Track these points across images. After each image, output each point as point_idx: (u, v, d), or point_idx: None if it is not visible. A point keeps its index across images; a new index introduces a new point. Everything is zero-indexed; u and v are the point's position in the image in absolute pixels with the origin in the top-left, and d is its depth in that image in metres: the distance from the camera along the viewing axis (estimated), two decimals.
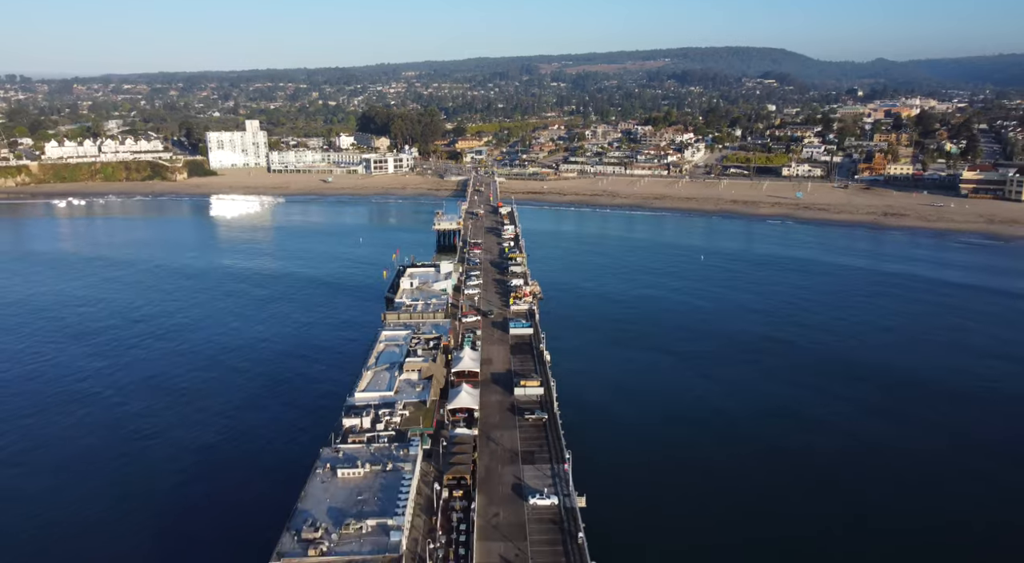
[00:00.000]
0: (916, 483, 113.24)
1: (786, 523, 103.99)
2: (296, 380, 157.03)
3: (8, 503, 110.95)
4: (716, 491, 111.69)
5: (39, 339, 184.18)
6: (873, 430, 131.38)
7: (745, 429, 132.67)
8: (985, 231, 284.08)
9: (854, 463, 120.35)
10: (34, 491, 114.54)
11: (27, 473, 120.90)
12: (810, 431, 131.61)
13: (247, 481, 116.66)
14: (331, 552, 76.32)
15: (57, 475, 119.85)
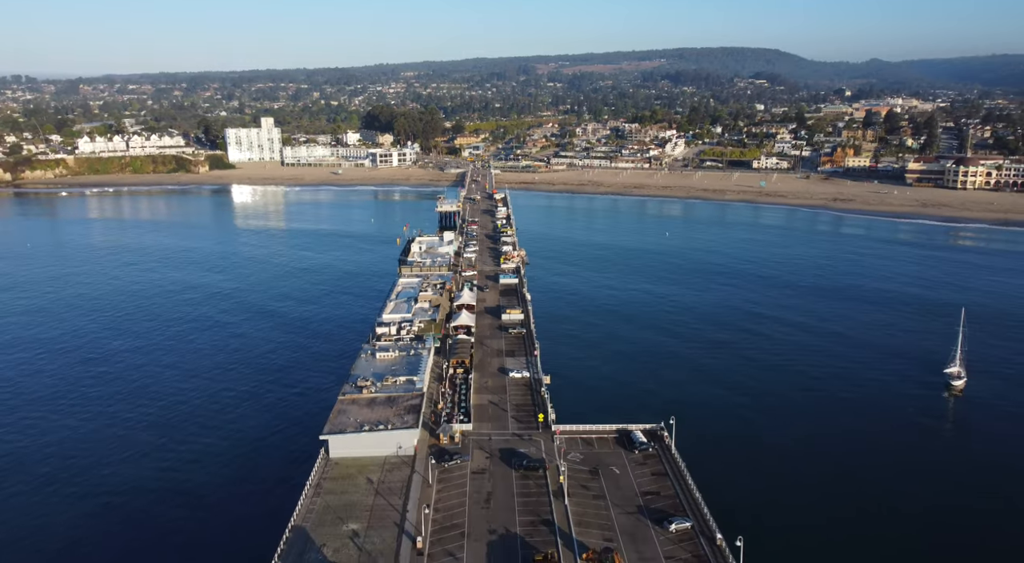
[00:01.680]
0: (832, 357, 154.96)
1: (710, 385, 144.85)
2: (336, 309, 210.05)
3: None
4: (641, 359, 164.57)
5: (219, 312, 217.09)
6: (795, 315, 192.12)
7: (673, 318, 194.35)
8: (916, 212, 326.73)
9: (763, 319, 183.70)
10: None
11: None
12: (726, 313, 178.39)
13: (312, 352, 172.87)
14: (377, 392, 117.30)
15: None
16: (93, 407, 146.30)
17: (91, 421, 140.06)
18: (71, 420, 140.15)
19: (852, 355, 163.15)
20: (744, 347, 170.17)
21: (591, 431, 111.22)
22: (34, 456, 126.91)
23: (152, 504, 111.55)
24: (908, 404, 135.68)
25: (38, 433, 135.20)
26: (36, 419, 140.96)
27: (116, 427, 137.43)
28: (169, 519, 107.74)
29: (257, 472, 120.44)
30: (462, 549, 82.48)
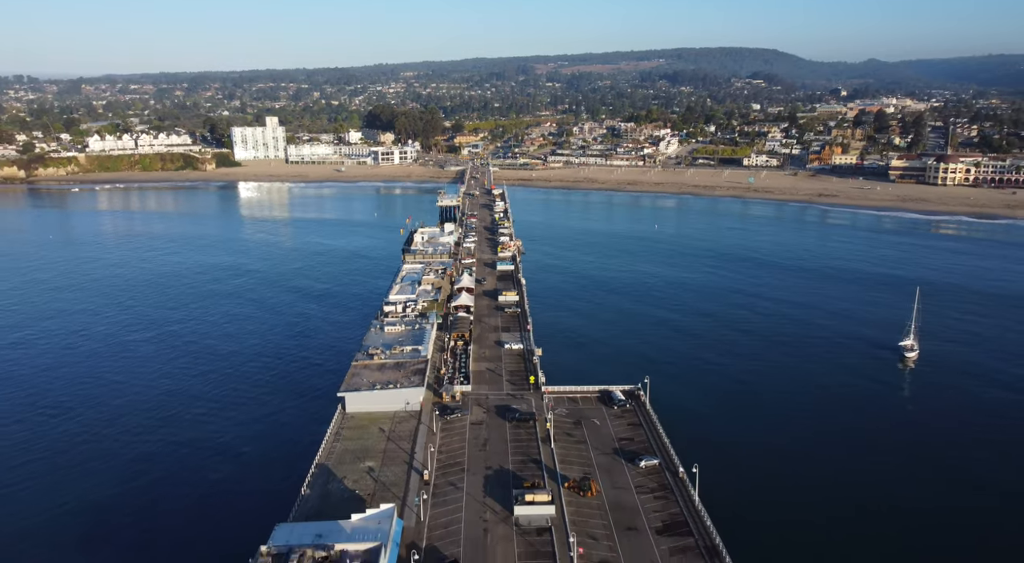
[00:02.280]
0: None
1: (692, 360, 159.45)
2: (346, 290, 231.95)
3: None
4: (624, 329, 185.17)
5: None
6: (771, 291, 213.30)
7: (656, 293, 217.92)
8: (896, 206, 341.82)
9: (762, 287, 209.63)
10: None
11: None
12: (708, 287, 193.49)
13: (327, 330, 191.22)
14: (386, 359, 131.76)
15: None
16: (145, 367, 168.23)
17: (144, 378, 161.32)
18: (136, 375, 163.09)
19: (818, 326, 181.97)
20: (723, 318, 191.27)
21: (576, 391, 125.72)
22: (104, 393, 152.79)
23: (193, 452, 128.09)
24: (864, 372, 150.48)
25: (111, 382, 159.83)
26: (110, 372, 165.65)
27: (167, 379, 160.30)
28: (209, 463, 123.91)
29: (282, 426, 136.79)
30: (462, 480, 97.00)
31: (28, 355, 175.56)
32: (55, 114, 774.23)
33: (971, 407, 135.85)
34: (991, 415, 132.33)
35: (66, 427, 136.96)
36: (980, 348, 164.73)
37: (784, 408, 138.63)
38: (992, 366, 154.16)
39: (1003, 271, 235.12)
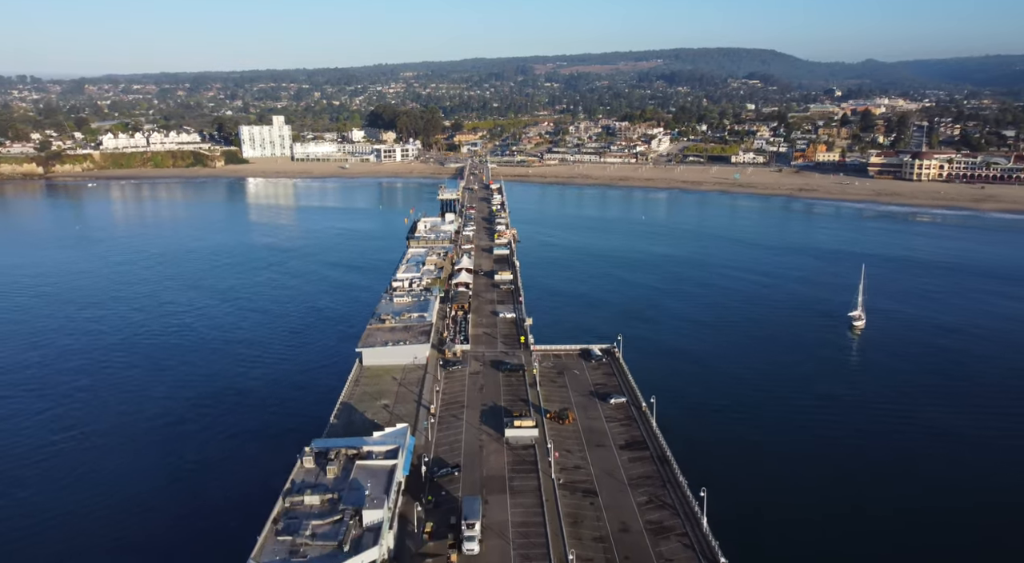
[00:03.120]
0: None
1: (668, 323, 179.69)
2: (357, 270, 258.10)
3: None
4: (605, 296, 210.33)
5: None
6: (743, 261, 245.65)
7: (636, 264, 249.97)
8: (871, 199, 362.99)
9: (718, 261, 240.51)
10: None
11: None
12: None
13: (341, 296, 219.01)
14: (396, 323, 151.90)
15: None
16: (210, 322, 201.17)
17: (209, 330, 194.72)
18: (203, 326, 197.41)
19: (779, 295, 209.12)
20: (694, 285, 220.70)
21: (560, 349, 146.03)
22: (159, 347, 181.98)
23: (234, 393, 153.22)
24: (816, 338, 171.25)
25: (206, 327, 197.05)
26: (203, 319, 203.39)
27: (215, 332, 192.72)
28: (256, 399, 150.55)
29: (304, 375, 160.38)
30: (462, 413, 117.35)
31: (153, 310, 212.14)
32: (64, 113, 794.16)
33: (906, 368, 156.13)
34: (926, 373, 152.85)
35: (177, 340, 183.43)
36: (919, 315, 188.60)
37: (737, 357, 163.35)
38: (929, 329, 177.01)
39: (946, 249, 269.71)
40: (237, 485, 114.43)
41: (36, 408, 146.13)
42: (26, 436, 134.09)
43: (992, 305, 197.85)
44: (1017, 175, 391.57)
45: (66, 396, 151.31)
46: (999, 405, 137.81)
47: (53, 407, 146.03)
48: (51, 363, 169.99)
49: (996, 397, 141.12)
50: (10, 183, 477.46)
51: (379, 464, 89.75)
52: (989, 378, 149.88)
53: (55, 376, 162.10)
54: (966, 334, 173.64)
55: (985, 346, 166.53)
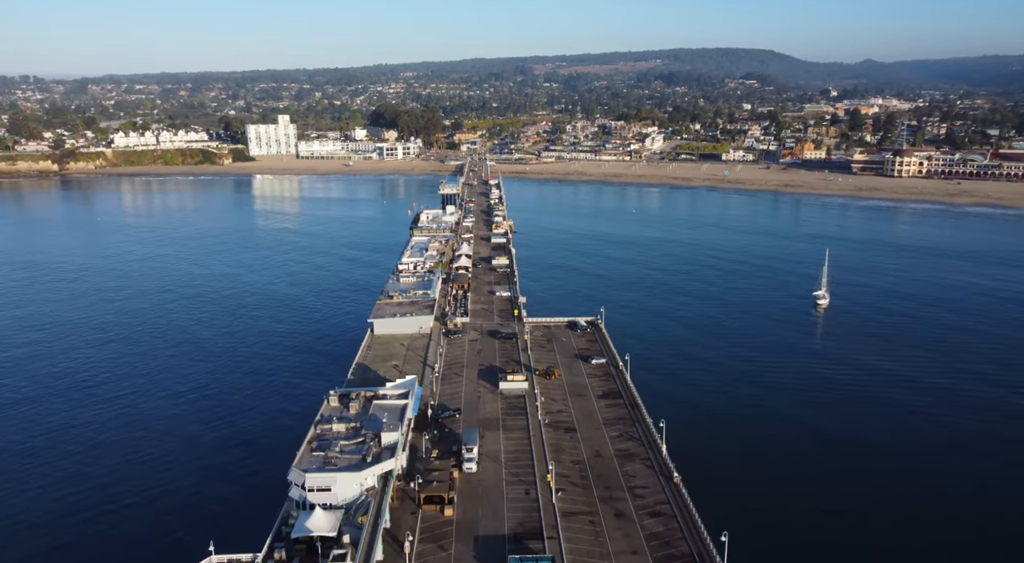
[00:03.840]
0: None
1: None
2: (365, 255, 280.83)
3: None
4: (591, 273, 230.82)
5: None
6: (721, 242, 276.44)
7: (621, 244, 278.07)
8: (851, 194, 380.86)
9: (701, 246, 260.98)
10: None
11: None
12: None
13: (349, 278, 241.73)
14: (403, 299, 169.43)
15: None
16: (245, 291, 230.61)
17: (246, 300, 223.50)
18: (242, 296, 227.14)
19: (751, 274, 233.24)
20: (676, 265, 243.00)
21: (550, 322, 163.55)
22: (186, 321, 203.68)
23: (263, 357, 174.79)
24: (783, 314, 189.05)
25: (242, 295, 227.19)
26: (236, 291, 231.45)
27: (243, 307, 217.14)
28: (282, 359, 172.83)
29: (323, 342, 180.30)
30: (462, 372, 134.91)
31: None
32: (71, 113, 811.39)
33: (866, 341, 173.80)
34: (882, 342, 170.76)
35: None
36: (877, 291, 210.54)
37: (707, 327, 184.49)
38: (885, 305, 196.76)
39: (911, 235, 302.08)
40: (275, 423, 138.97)
41: (135, 353, 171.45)
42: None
43: (944, 276, 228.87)
44: (992, 171, 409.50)
45: (151, 347, 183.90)
46: (945, 365, 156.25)
47: (150, 349, 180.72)
48: (140, 314, 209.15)
49: (945, 358, 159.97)
50: (27, 180, 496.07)
51: (393, 403, 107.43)
52: (940, 343, 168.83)
53: (145, 323, 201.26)
54: (919, 302, 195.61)
55: (934, 312, 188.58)
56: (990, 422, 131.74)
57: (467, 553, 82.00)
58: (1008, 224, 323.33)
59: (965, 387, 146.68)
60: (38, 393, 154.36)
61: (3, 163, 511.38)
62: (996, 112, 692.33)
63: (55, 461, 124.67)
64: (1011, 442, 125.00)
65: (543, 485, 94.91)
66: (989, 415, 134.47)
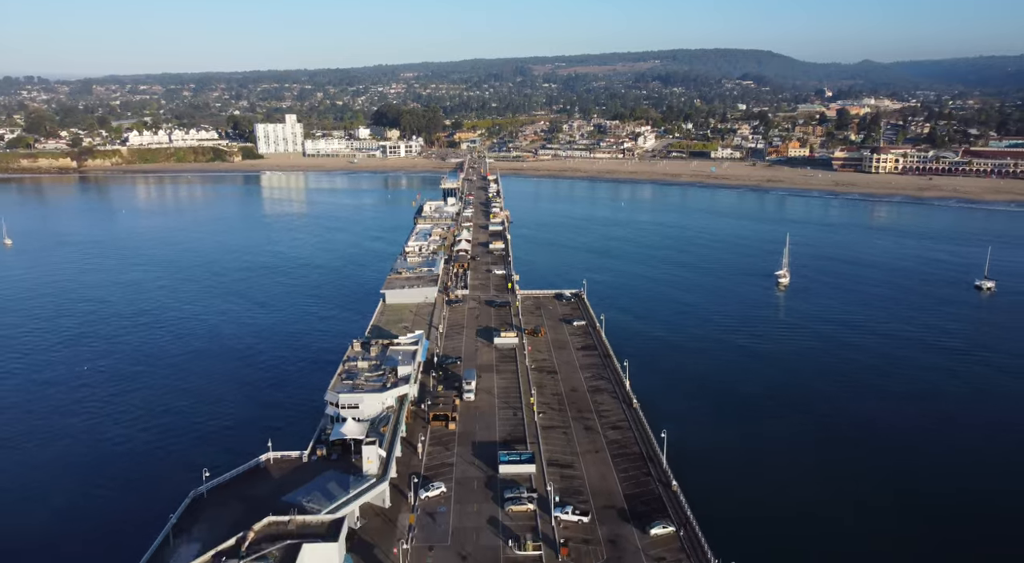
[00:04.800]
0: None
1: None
2: (375, 239, 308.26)
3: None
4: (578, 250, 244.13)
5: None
6: (698, 223, 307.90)
7: (608, 226, 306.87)
8: (829, 189, 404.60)
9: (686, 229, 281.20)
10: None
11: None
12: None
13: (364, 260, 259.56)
14: (410, 274, 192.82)
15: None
16: (275, 269, 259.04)
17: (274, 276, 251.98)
18: (270, 274, 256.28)
19: (718, 256, 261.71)
20: (657, 243, 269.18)
21: (539, 294, 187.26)
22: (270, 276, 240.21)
23: (305, 319, 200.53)
24: (748, 292, 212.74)
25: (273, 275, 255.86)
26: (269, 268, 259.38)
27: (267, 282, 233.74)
28: (310, 325, 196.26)
29: (342, 311, 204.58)
30: (463, 331, 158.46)
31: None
32: (80, 113, 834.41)
33: (821, 316, 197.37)
34: (834, 318, 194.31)
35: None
36: (831, 271, 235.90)
37: (676, 295, 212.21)
38: (838, 281, 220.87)
39: (868, 222, 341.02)
40: (308, 364, 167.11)
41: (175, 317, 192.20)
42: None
43: (889, 253, 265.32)
44: (963, 167, 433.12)
45: (199, 307, 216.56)
46: (892, 331, 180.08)
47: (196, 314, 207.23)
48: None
49: (890, 325, 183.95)
50: (47, 176, 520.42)
51: (405, 348, 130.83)
52: (890, 314, 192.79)
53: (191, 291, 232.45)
54: (869, 279, 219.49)
55: (880, 289, 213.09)
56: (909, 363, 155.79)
57: (467, 453, 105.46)
58: (963, 212, 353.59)
59: (901, 348, 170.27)
60: (150, 319, 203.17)
61: (25, 160, 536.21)
62: (983, 112, 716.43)
63: (158, 372, 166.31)
64: (927, 370, 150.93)
65: (527, 409, 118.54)
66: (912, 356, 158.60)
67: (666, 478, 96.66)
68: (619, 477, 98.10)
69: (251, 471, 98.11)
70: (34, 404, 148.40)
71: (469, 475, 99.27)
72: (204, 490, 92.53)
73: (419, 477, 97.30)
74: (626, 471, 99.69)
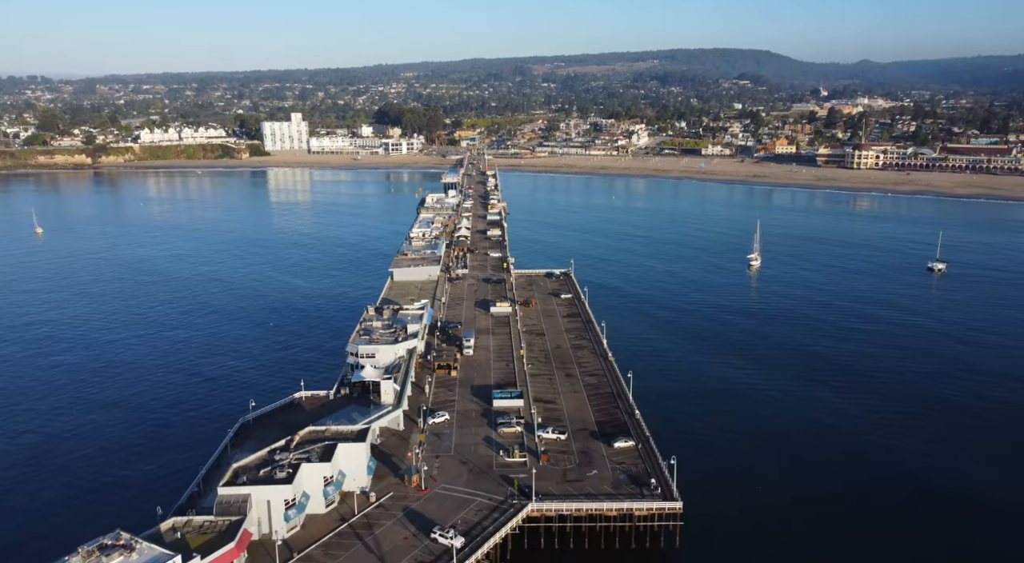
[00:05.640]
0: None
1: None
2: (380, 228, 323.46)
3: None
4: (568, 238, 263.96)
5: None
6: (679, 208, 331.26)
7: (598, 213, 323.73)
8: (810, 183, 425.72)
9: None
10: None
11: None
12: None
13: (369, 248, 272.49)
14: (414, 256, 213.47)
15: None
16: (297, 248, 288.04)
17: (295, 255, 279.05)
18: (292, 253, 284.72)
19: (696, 238, 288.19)
20: (644, 228, 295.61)
21: (532, 272, 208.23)
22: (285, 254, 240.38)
23: (324, 291, 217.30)
24: (723, 275, 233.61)
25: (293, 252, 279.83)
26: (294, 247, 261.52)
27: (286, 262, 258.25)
28: (327, 295, 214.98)
29: (354, 287, 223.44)
30: (463, 302, 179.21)
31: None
32: (87, 111, 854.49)
33: (781, 289, 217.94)
34: (793, 288, 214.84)
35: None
36: (798, 252, 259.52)
37: (655, 272, 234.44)
38: (803, 262, 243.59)
39: (836, 211, 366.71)
40: (333, 326, 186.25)
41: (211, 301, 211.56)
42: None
43: (854, 238, 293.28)
44: (940, 163, 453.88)
45: (234, 282, 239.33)
46: (853, 307, 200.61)
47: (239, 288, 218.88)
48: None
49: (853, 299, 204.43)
50: (63, 171, 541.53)
51: (413, 312, 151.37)
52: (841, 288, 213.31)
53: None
54: (828, 262, 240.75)
55: (839, 271, 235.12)
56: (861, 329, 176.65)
57: (466, 393, 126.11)
58: (928, 202, 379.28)
59: (852, 319, 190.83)
60: (181, 294, 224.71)
61: (43, 157, 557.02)
62: (971, 111, 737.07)
63: (202, 328, 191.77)
64: (860, 329, 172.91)
65: (518, 361, 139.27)
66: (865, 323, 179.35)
67: (631, 409, 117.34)
68: (592, 409, 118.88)
69: (287, 405, 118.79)
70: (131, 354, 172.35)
71: (468, 408, 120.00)
72: (251, 418, 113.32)
73: (427, 408, 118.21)
74: (599, 406, 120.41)
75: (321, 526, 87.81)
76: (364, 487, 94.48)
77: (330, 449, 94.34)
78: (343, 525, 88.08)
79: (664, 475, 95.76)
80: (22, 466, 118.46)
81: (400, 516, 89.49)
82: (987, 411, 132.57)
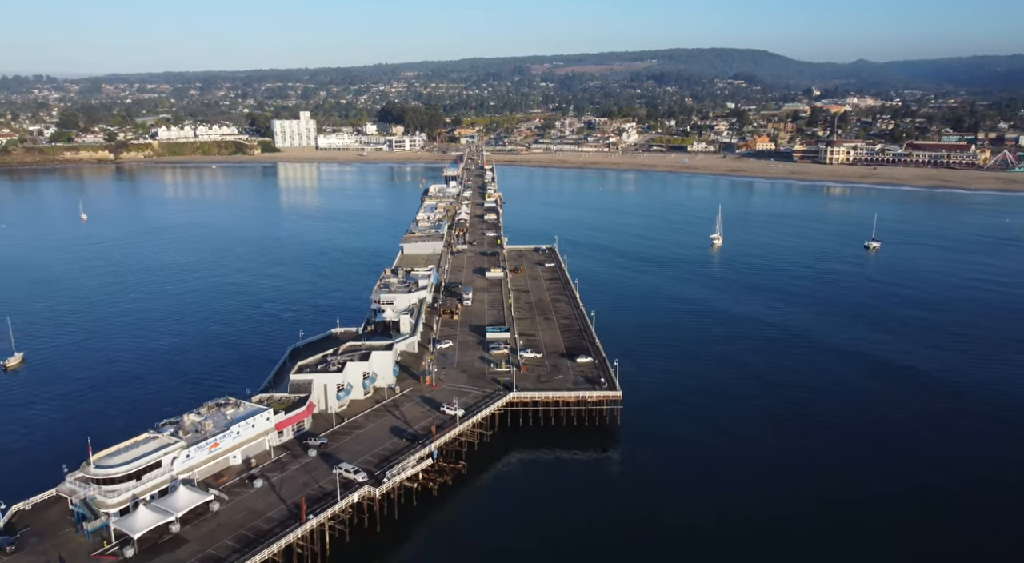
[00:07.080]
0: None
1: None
2: (389, 215, 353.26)
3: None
4: (555, 223, 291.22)
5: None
6: (658, 198, 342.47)
7: (587, 200, 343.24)
8: (783, 176, 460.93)
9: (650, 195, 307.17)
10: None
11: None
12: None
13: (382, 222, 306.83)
14: (421, 234, 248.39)
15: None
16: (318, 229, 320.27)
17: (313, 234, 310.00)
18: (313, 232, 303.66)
19: (671, 222, 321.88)
20: (624, 212, 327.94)
21: (522, 247, 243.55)
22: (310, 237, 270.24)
23: (346, 260, 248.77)
24: (688, 251, 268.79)
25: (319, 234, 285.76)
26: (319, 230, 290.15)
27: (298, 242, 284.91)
28: (351, 262, 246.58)
29: (372, 258, 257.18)
30: (462, 270, 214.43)
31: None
32: (98, 110, 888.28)
33: (748, 264, 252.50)
34: (748, 267, 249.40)
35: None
36: (759, 235, 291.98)
37: (627, 247, 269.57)
38: (761, 242, 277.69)
39: (797, 199, 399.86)
40: (355, 287, 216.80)
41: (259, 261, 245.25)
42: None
43: (805, 219, 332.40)
44: (904, 159, 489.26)
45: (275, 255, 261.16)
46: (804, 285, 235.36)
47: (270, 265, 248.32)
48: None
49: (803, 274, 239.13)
50: (87, 166, 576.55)
51: (423, 273, 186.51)
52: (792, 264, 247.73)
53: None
54: (785, 244, 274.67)
55: (793, 245, 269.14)
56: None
57: (466, 330, 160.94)
58: (885, 192, 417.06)
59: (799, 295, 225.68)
60: (249, 250, 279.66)
61: (68, 152, 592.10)
62: (953, 110, 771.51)
63: (265, 282, 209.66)
64: (795, 291, 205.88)
65: (507, 309, 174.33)
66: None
67: (592, 339, 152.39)
68: (563, 339, 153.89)
69: (327, 337, 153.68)
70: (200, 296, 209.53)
71: (467, 339, 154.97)
72: (300, 344, 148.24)
73: (435, 337, 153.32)
74: (568, 337, 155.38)
75: (362, 406, 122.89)
76: (391, 384, 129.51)
77: (366, 355, 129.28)
78: (377, 406, 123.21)
79: (610, 373, 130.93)
80: (167, 358, 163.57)
81: (418, 400, 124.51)
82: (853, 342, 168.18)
